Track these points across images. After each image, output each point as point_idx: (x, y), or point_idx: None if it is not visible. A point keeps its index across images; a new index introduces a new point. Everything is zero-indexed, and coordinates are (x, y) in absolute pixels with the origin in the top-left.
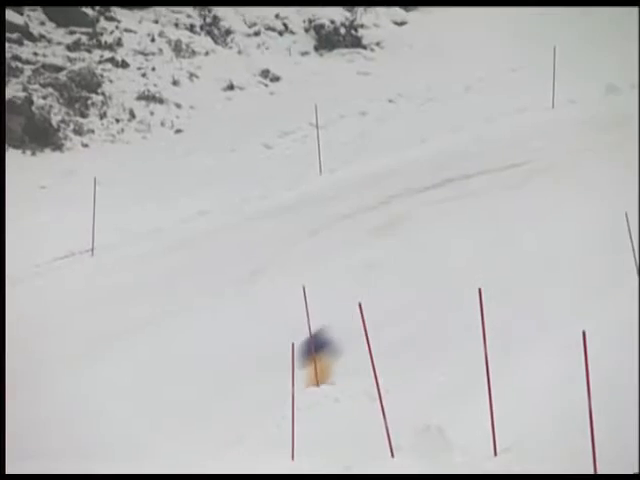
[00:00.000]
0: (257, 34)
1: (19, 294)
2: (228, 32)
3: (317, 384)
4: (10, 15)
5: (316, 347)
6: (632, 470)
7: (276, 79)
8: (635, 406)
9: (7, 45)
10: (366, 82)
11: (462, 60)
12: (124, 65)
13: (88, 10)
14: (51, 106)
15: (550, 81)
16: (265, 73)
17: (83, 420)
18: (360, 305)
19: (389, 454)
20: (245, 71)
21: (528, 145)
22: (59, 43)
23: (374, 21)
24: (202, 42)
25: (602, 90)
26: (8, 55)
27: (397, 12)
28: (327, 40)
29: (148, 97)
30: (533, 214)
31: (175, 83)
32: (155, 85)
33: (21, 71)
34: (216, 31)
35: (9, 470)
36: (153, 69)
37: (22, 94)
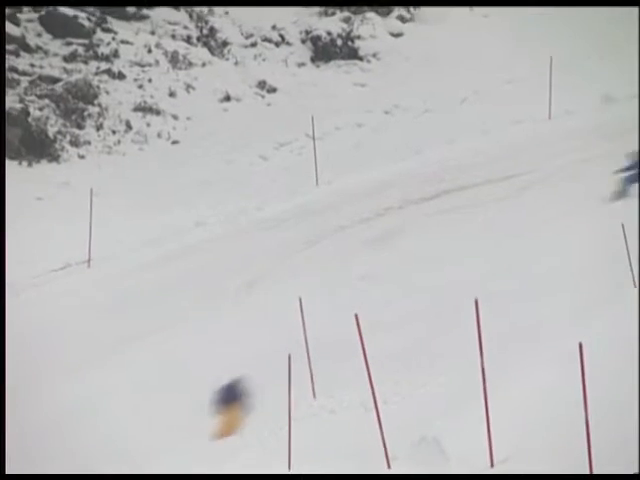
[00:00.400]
0: (254, 45)
1: (16, 305)
2: (225, 43)
3: (224, 435)
4: (7, 26)
5: (230, 397)
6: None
7: (273, 90)
8: (633, 418)
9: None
10: (362, 93)
11: (458, 72)
12: (121, 76)
13: (85, 21)
14: (47, 117)
15: (546, 92)
16: (262, 84)
17: (80, 429)
18: (356, 316)
19: (385, 465)
20: (242, 82)
21: (525, 156)
22: (56, 54)
23: (371, 32)
24: (199, 53)
25: (599, 100)
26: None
27: (393, 23)
28: (324, 51)
29: (145, 108)
30: (529, 225)
31: (172, 94)
32: (152, 96)
33: (18, 82)
34: (213, 42)
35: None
36: (150, 80)
37: (19, 105)
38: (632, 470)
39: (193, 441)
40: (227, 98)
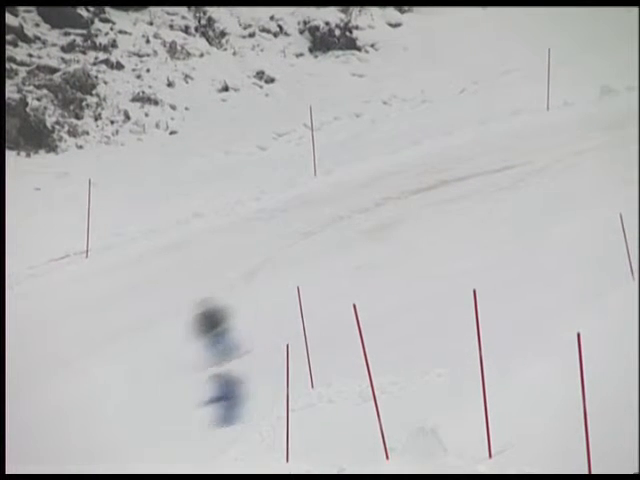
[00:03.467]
0: (252, 36)
1: (13, 296)
2: (223, 34)
3: None
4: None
5: None
6: (631, 471)
7: (271, 80)
8: (632, 409)
9: None
10: (361, 84)
11: (457, 62)
12: (119, 66)
13: (83, 11)
14: (46, 108)
15: (545, 83)
16: (260, 74)
17: (78, 421)
18: (355, 306)
19: (384, 456)
20: (240, 72)
21: (523, 147)
22: (54, 44)
23: (369, 23)
24: (197, 43)
25: (597, 92)
26: None
27: (392, 14)
28: (322, 42)
29: (143, 98)
30: (527, 216)
31: (170, 84)
32: (150, 86)
33: (16, 73)
34: (211, 32)
35: (9, 470)
36: (148, 70)
37: (17, 95)
38: (632, 469)
39: (190, 432)
40: (225, 88)
